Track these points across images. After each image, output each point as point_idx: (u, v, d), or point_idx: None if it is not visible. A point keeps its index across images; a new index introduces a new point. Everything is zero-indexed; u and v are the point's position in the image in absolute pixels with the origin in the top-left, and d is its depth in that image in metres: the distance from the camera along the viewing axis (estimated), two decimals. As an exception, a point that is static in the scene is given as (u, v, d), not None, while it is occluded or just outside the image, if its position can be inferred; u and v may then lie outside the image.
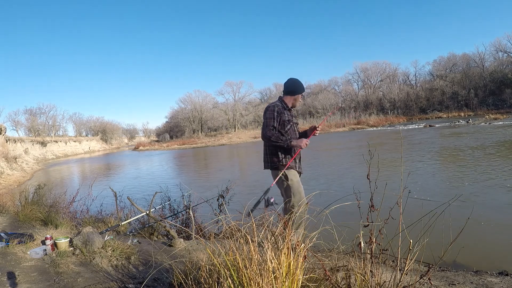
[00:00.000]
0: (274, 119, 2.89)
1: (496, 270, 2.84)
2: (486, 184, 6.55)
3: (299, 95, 3.05)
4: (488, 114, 35.74)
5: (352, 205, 1.79)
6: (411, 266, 1.45)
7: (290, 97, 3.05)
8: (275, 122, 2.89)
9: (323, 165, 11.88)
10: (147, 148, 48.28)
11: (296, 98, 3.05)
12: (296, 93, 3.04)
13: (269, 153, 2.99)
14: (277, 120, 2.90)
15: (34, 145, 44.99)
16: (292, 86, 3.05)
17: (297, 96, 3.04)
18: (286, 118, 2.94)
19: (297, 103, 3.07)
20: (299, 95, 3.05)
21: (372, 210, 1.65)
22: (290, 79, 3.09)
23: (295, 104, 3.07)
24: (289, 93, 3.04)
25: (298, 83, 3.07)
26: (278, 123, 2.91)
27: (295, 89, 3.04)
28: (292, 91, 3.04)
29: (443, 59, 55.46)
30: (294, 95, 3.04)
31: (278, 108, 2.93)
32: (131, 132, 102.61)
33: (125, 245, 2.84)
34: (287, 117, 2.96)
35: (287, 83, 3.07)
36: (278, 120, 2.90)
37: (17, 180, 17.95)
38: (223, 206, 4.11)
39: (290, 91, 3.04)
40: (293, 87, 3.04)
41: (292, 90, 3.04)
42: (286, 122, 2.95)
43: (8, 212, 4.29)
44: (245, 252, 1.41)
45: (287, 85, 3.06)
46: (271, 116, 2.89)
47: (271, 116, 2.89)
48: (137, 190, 9.78)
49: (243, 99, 65.52)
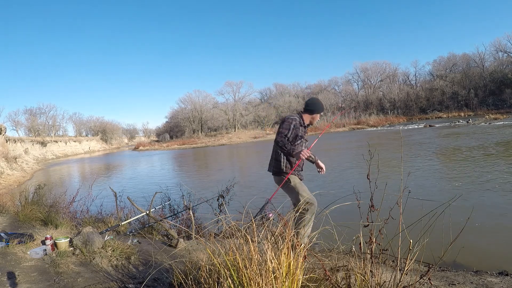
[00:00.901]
0: (289, 130, 3.02)
1: (496, 270, 2.84)
2: (486, 184, 6.55)
3: (317, 114, 3.19)
4: (488, 114, 35.75)
5: (352, 205, 1.79)
6: (411, 266, 1.45)
7: (308, 115, 3.18)
8: (289, 132, 3.02)
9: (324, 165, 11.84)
10: (147, 148, 48.29)
11: (314, 117, 3.19)
12: (315, 112, 3.18)
13: (274, 158, 3.15)
14: (291, 132, 3.03)
15: (34, 145, 45.00)
16: (312, 105, 3.18)
17: (315, 115, 3.18)
18: (299, 133, 3.09)
19: (314, 121, 3.22)
20: (317, 114, 3.19)
21: (372, 210, 1.65)
22: (311, 98, 3.27)
23: (312, 122, 3.21)
24: (308, 111, 3.18)
25: (318, 103, 3.22)
26: (291, 135, 3.04)
27: (315, 108, 3.17)
28: (311, 110, 3.17)
29: (443, 59, 55.52)
30: (313, 114, 3.17)
31: (295, 122, 3.06)
32: (131, 132, 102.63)
33: (125, 245, 2.83)
34: (300, 133, 3.10)
35: (308, 102, 3.22)
36: (292, 132, 3.04)
37: (17, 180, 17.95)
38: (223, 206, 4.11)
39: (309, 109, 3.17)
40: (312, 106, 3.18)
41: (311, 109, 3.17)
42: (298, 137, 3.10)
43: (8, 212, 4.29)
44: (245, 252, 1.41)
45: (308, 103, 3.21)
46: (287, 127, 3.03)
47: (288, 127, 3.03)
48: (137, 190, 9.78)
49: (243, 99, 65.58)
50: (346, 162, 12.37)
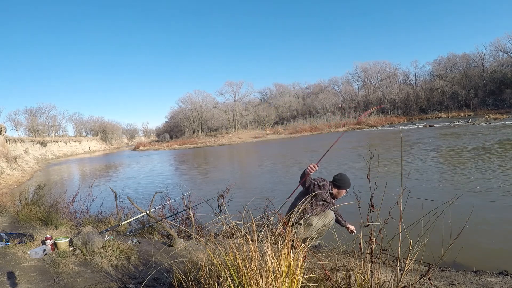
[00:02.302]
0: (319, 187, 3.37)
1: (496, 270, 2.83)
2: (486, 184, 6.55)
3: (343, 190, 3.45)
4: (488, 114, 35.74)
5: (352, 205, 1.79)
6: (411, 266, 1.45)
7: (336, 190, 3.45)
8: (316, 188, 3.37)
9: (323, 165, 11.85)
10: (147, 148, 48.28)
11: (340, 192, 3.45)
12: (341, 188, 3.43)
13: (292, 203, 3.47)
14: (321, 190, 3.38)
15: (34, 145, 44.99)
16: (340, 181, 3.44)
17: (341, 191, 3.44)
18: (324, 197, 3.40)
19: (339, 196, 3.49)
20: (343, 190, 3.45)
21: (372, 210, 1.65)
22: (341, 175, 3.49)
23: (337, 196, 3.49)
24: (337, 186, 3.45)
25: (346, 180, 3.45)
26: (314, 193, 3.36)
27: (342, 184, 3.42)
28: (339, 185, 3.42)
29: (443, 59, 55.48)
30: (340, 189, 3.43)
31: (324, 189, 3.38)
32: (131, 132, 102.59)
33: (125, 245, 2.83)
34: (326, 198, 3.41)
35: (338, 178, 3.47)
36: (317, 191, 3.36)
37: (17, 180, 17.95)
38: (223, 206, 4.11)
39: (337, 185, 3.44)
40: (340, 183, 3.43)
41: (339, 185, 3.42)
42: (322, 200, 3.40)
43: (8, 212, 4.29)
44: (245, 252, 1.41)
45: (337, 179, 3.46)
46: (317, 189, 3.35)
47: (317, 189, 3.36)
48: (137, 190, 9.78)
49: (243, 99, 65.56)
50: (346, 162, 12.36)
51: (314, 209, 3.35)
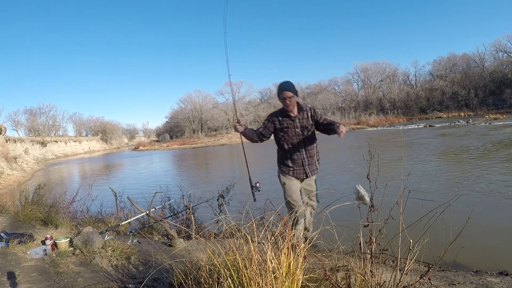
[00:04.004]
0: (262, 126, 3.10)
1: (496, 270, 2.83)
2: (486, 184, 6.55)
3: (283, 95, 2.89)
4: (488, 114, 35.75)
5: (352, 205, 1.79)
6: (411, 266, 1.45)
7: (280, 100, 2.95)
8: (261, 128, 3.10)
9: (323, 165, 11.85)
10: (147, 148, 48.27)
11: (283, 99, 2.90)
12: (280, 96, 2.93)
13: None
14: (264, 127, 3.08)
15: (34, 145, 44.98)
16: (278, 91, 2.99)
17: (282, 96, 2.90)
18: (278, 126, 3.01)
19: (286, 102, 2.90)
20: (283, 95, 2.89)
21: (372, 210, 1.65)
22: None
23: (287, 107, 2.93)
24: (279, 98, 2.97)
25: (279, 85, 2.97)
26: (268, 129, 3.08)
27: (278, 91, 2.96)
28: (278, 94, 2.98)
29: (443, 59, 55.53)
30: (280, 98, 2.94)
31: (271, 119, 3.06)
32: (131, 132, 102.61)
33: (125, 245, 2.83)
34: (278, 125, 3.01)
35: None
36: (267, 127, 3.07)
37: (17, 180, 17.95)
38: (223, 206, 4.11)
39: (278, 97, 2.98)
40: (278, 92, 2.98)
41: (278, 95, 2.98)
42: (279, 130, 3.04)
43: (8, 212, 4.29)
44: (245, 252, 1.41)
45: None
46: (264, 128, 3.09)
47: (264, 126, 3.09)
48: (137, 190, 9.77)
49: (243, 99, 65.59)
50: (346, 162, 12.37)
51: (291, 137, 2.95)
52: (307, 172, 3.05)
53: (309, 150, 3.03)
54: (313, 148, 3.06)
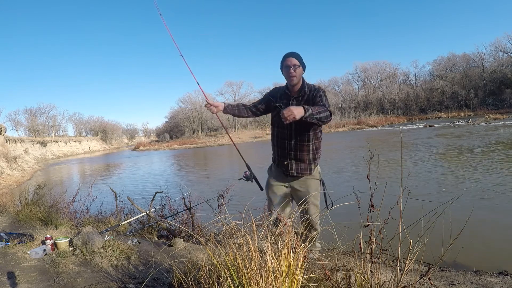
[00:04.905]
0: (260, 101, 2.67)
1: (496, 270, 2.84)
2: (486, 184, 6.55)
3: (282, 65, 2.43)
4: (488, 114, 35.75)
5: (352, 205, 1.79)
6: (411, 266, 1.45)
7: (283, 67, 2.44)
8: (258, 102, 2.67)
9: (322, 165, 11.85)
10: (147, 148, 48.27)
11: (283, 71, 2.44)
12: (281, 66, 2.45)
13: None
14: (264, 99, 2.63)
15: (34, 145, 44.98)
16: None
17: (283, 68, 2.43)
18: (273, 105, 2.48)
19: (289, 76, 2.40)
20: (282, 65, 2.43)
21: (372, 210, 1.65)
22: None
23: (287, 80, 2.44)
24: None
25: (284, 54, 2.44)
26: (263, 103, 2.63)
27: (281, 60, 2.45)
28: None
29: (443, 59, 55.58)
30: (281, 69, 2.45)
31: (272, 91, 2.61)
32: (131, 132, 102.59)
33: (125, 245, 2.83)
34: (273, 104, 2.49)
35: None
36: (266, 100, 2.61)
37: (17, 180, 17.95)
38: (223, 206, 4.11)
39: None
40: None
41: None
42: (273, 109, 2.53)
43: (8, 212, 4.29)
44: (245, 252, 1.41)
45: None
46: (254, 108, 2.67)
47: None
48: (137, 190, 9.77)
49: (243, 99, 65.46)
50: (346, 162, 12.37)
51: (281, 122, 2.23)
52: (291, 167, 2.47)
53: (302, 141, 2.43)
54: (306, 142, 2.44)
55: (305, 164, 2.49)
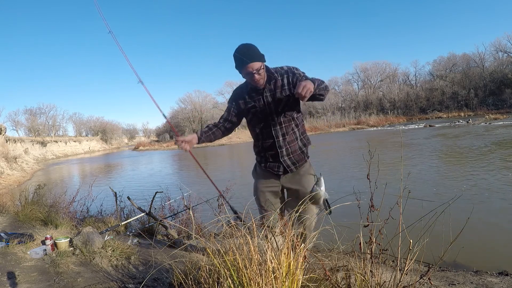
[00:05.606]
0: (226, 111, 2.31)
1: (496, 270, 2.84)
2: (486, 184, 6.55)
3: (244, 68, 2.05)
4: (488, 114, 35.76)
5: (352, 205, 1.79)
6: (411, 266, 1.45)
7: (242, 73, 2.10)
8: (224, 113, 2.32)
9: (322, 165, 11.87)
10: (147, 148, 48.28)
11: (246, 77, 2.12)
12: (239, 68, 2.09)
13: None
14: (229, 111, 2.30)
15: (34, 145, 44.99)
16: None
17: (244, 75, 2.10)
18: (243, 107, 2.21)
19: (255, 81, 2.07)
20: (244, 68, 2.05)
21: (372, 210, 1.65)
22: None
23: (251, 83, 2.11)
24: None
25: (235, 53, 2.08)
26: (232, 114, 2.29)
27: (235, 63, 2.10)
28: (236, 67, 2.11)
29: (443, 59, 55.56)
30: (241, 70, 2.09)
31: (234, 97, 2.28)
32: (131, 132, 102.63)
33: (125, 245, 2.83)
34: (243, 106, 2.21)
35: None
36: (231, 110, 2.29)
37: (17, 180, 17.95)
38: (223, 206, 4.11)
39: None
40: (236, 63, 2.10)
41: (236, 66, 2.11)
42: (246, 111, 2.22)
43: (8, 212, 4.29)
44: (245, 252, 1.41)
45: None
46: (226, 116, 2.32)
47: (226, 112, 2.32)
48: (137, 190, 9.77)
49: (243, 99, 65.45)
50: (346, 162, 12.37)
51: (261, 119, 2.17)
52: (287, 164, 2.23)
53: (289, 133, 2.21)
54: (294, 130, 2.23)
55: (298, 153, 2.27)
